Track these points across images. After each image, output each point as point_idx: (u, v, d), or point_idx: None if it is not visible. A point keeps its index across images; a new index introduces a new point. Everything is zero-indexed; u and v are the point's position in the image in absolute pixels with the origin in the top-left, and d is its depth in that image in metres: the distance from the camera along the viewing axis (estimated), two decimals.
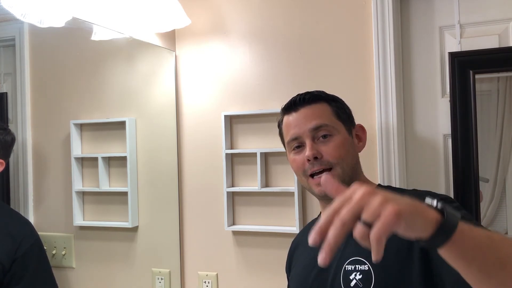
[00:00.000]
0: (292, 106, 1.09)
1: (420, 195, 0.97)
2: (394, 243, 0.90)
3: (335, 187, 0.61)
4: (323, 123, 1.04)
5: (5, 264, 1.11)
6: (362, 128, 1.14)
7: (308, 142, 1.03)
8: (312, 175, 1.03)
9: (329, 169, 1.01)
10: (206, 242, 1.66)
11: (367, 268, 0.92)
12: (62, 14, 1.27)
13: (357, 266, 0.93)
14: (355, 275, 0.93)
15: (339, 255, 0.98)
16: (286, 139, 1.09)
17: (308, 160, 1.01)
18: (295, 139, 1.06)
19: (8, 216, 1.22)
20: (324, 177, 0.63)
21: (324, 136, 1.03)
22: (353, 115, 1.16)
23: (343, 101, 1.13)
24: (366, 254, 0.93)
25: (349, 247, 0.97)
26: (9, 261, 1.12)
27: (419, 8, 1.45)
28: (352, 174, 1.04)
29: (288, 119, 1.09)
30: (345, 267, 0.95)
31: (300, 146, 1.06)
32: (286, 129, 1.10)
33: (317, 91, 1.11)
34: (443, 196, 0.97)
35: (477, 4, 1.39)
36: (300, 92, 1.12)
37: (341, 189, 0.60)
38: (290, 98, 1.12)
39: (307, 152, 1.02)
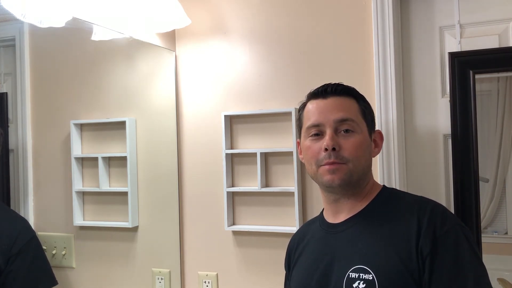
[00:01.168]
0: (322, 92, 1.05)
1: (423, 204, 0.96)
2: (400, 254, 0.91)
3: None
4: (350, 117, 1.01)
5: (0, 262, 1.11)
6: (380, 134, 1.12)
7: (329, 132, 1.00)
8: (324, 164, 1.00)
9: (342, 164, 0.99)
10: (206, 242, 1.66)
11: (371, 278, 0.90)
12: (62, 14, 1.27)
13: (361, 274, 0.92)
14: (359, 283, 0.91)
15: (344, 260, 0.97)
16: (306, 124, 1.05)
17: (326, 149, 0.99)
18: (316, 125, 1.03)
19: (3, 214, 1.22)
20: None
21: (346, 131, 1.01)
22: None
23: (369, 104, 1.11)
24: (372, 263, 0.92)
25: (355, 254, 0.96)
26: (4, 259, 1.12)
27: (419, 8, 1.45)
28: (362, 175, 1.02)
29: (314, 104, 1.05)
30: (349, 274, 0.94)
31: (318, 134, 1.02)
32: (308, 114, 1.06)
33: (348, 85, 1.09)
34: (450, 215, 0.96)
35: (477, 4, 1.39)
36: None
37: None
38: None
39: (327, 141, 0.99)
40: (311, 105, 1.06)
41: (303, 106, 1.10)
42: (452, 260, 0.88)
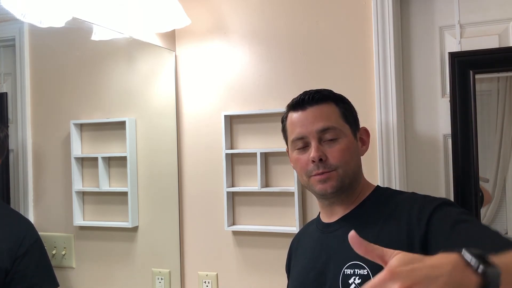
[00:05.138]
0: (300, 104, 1.06)
1: (415, 199, 0.97)
2: (393, 246, 0.91)
3: (361, 246, 0.58)
4: (331, 125, 1.02)
5: (6, 263, 1.11)
6: (366, 131, 1.12)
7: (314, 143, 1.01)
8: (314, 174, 1.02)
9: (332, 171, 1.00)
10: (206, 242, 1.66)
11: (366, 273, 0.91)
12: (62, 14, 1.27)
13: (356, 270, 0.92)
14: (354, 279, 0.92)
15: (339, 258, 0.97)
16: (291, 137, 1.07)
17: (313, 161, 1.00)
18: (300, 138, 1.04)
19: (9, 215, 1.23)
20: (350, 234, 0.60)
21: (331, 139, 1.02)
22: None
23: (350, 103, 1.11)
24: (366, 258, 0.93)
25: (349, 251, 0.96)
26: (11, 260, 1.12)
27: (419, 8, 1.45)
28: (353, 177, 1.03)
29: (295, 116, 1.06)
30: (344, 271, 0.94)
31: (304, 146, 1.04)
32: (291, 126, 1.07)
33: (326, 90, 1.09)
34: (445, 200, 0.96)
35: (477, 4, 1.39)
36: (301, 92, 1.10)
37: (368, 248, 0.57)
38: (292, 96, 1.11)
39: (313, 153, 1.00)
40: (292, 117, 1.07)
41: (285, 117, 1.11)
42: (452, 216, 0.87)
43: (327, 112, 1.04)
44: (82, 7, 1.33)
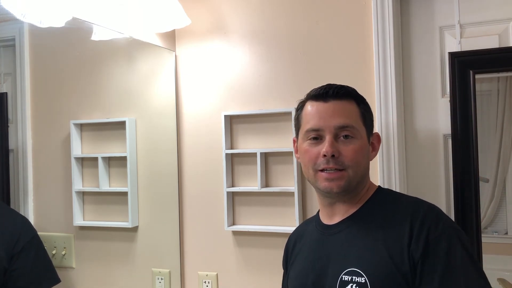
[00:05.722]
0: (323, 95, 1.02)
1: (416, 206, 0.95)
2: (393, 257, 0.90)
3: None
4: (350, 124, 0.99)
5: (3, 261, 1.11)
6: (378, 137, 1.10)
7: (329, 138, 0.98)
8: (322, 170, 0.99)
9: (341, 170, 0.98)
10: (206, 242, 1.66)
11: (363, 281, 0.90)
12: (62, 14, 1.27)
13: (354, 277, 0.92)
14: (351, 286, 0.92)
15: (338, 262, 0.97)
16: (305, 127, 1.03)
17: (324, 155, 0.98)
18: (315, 130, 1.00)
19: (5, 213, 1.22)
20: None
21: (346, 137, 0.99)
22: None
23: (369, 105, 1.08)
24: (365, 266, 0.92)
25: (349, 256, 0.96)
26: (7, 257, 1.12)
27: (419, 8, 1.45)
28: (360, 180, 1.02)
29: (314, 107, 1.02)
30: (342, 277, 0.94)
31: (317, 138, 1.00)
32: (307, 116, 1.03)
33: (350, 87, 1.05)
34: (444, 218, 0.95)
35: (477, 4, 1.39)
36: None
37: None
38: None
39: (326, 147, 0.97)
40: (311, 107, 1.04)
41: (301, 105, 1.08)
42: (443, 264, 0.87)
43: (349, 110, 1.02)
44: (82, 7, 1.33)
